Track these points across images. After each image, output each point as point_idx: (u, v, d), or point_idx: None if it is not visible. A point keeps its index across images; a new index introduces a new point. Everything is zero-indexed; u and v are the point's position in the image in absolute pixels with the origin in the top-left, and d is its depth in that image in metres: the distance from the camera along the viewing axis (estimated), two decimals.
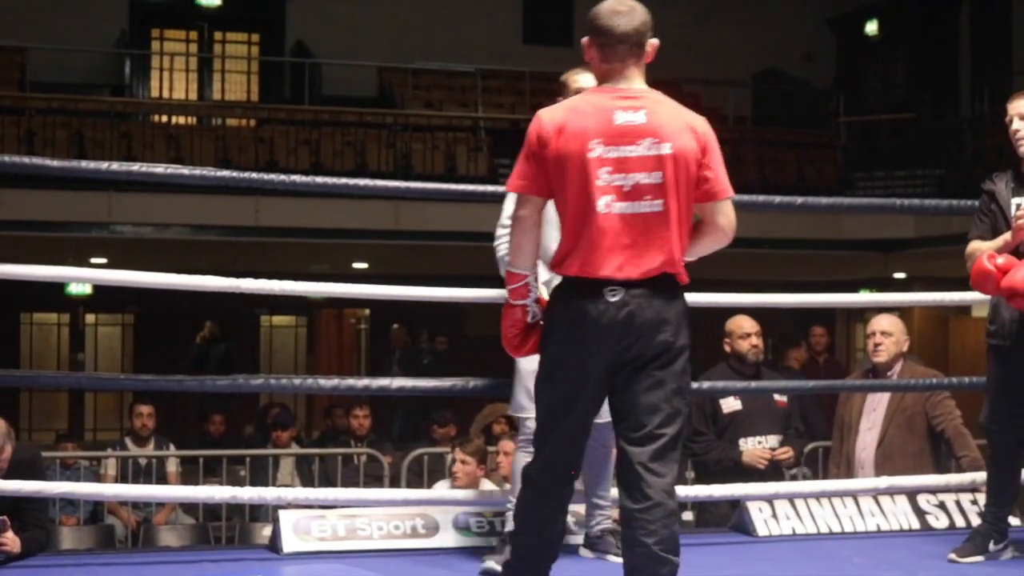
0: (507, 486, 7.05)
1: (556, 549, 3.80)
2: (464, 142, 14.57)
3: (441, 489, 6.87)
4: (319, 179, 5.68)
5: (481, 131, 14.80)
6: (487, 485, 7.10)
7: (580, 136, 3.54)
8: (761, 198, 6.22)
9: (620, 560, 4.47)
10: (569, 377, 3.61)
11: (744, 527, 5.39)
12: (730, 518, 5.60)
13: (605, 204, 3.52)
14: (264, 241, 13.39)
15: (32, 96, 14.26)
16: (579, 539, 4.85)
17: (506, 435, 7.94)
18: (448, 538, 5.08)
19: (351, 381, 5.60)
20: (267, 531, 5.77)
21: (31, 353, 16.69)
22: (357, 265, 15.18)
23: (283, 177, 5.41)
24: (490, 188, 5.66)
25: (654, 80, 3.74)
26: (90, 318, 16.94)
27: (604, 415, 4.52)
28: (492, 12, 16.36)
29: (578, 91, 4.64)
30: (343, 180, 5.90)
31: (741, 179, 14.21)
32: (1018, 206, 4.75)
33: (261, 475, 8.51)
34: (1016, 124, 4.76)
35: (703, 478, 6.31)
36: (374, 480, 8.30)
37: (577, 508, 4.84)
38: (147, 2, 16.52)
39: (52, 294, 14.98)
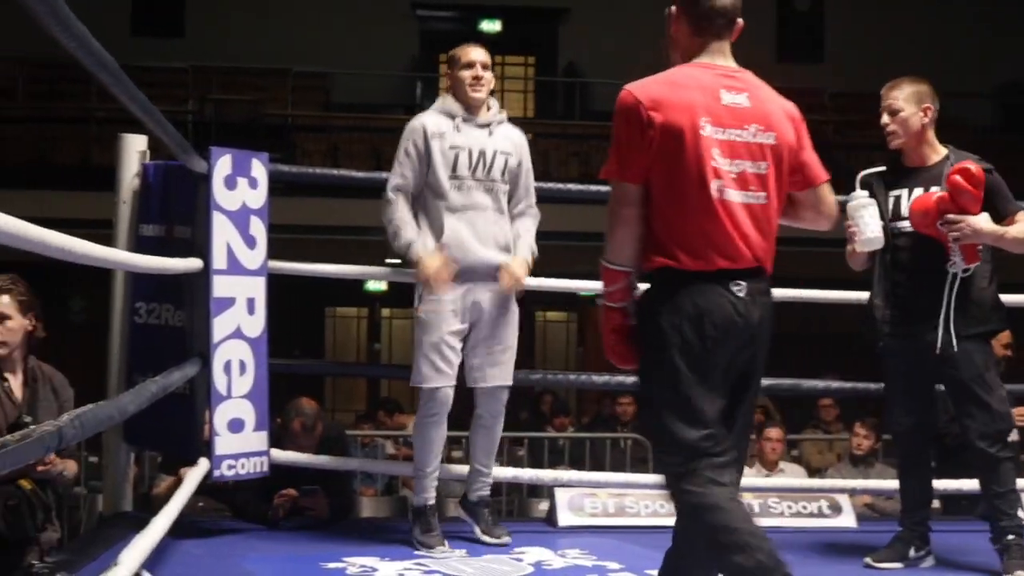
0: (768, 474, 6.94)
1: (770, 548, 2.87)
2: None
3: None
4: (592, 187, 5.65)
5: None
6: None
7: (687, 110, 2.94)
8: None
9: (485, 536, 4.54)
10: (705, 380, 2.93)
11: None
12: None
13: (717, 189, 2.94)
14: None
15: (335, 115, 14.76)
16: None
17: (765, 424, 7.81)
18: None
19: (620, 378, 5.61)
20: (543, 506, 5.84)
21: (334, 343, 17.23)
22: None
23: (559, 185, 5.45)
24: None
25: None
26: (385, 312, 17.36)
27: (492, 379, 4.52)
28: (747, 32, 16.09)
29: (469, 64, 4.53)
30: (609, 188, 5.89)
31: None
32: (896, 198, 4.30)
33: (538, 455, 8.59)
34: (884, 118, 4.28)
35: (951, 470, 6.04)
36: (640, 463, 8.26)
37: (461, 469, 4.80)
38: (435, 30, 16.89)
39: (353, 290, 15.45)
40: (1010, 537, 4.18)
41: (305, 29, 15.63)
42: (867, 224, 4.24)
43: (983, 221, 4.09)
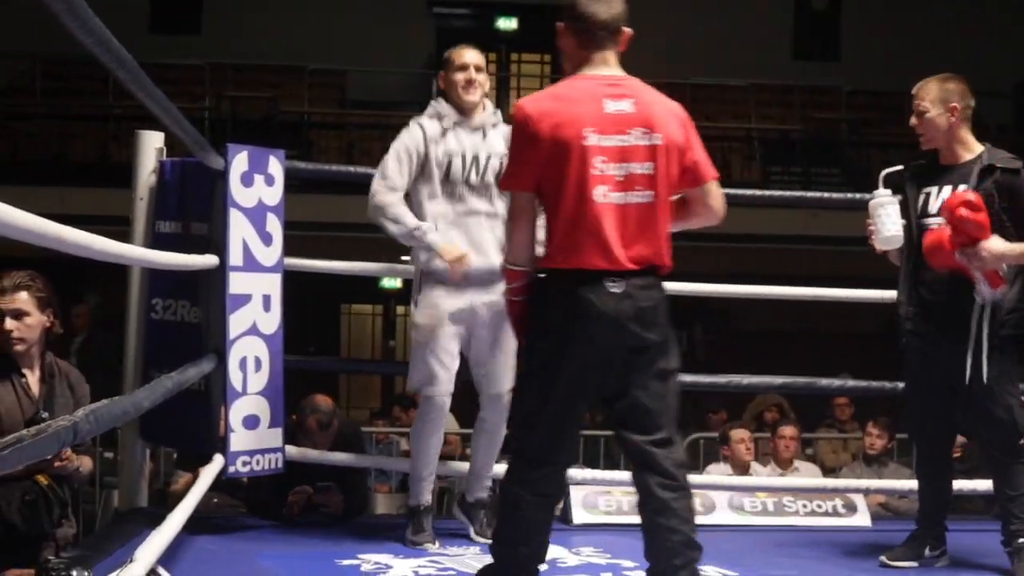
0: (782, 472, 6.94)
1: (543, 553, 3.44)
2: (738, 151, 14.46)
3: (715, 471, 6.80)
4: None
5: (754, 141, 14.63)
6: (757, 468, 7.01)
7: (574, 123, 3.17)
8: None
9: (479, 537, 4.51)
10: (573, 372, 3.22)
11: None
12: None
13: (601, 194, 3.16)
14: None
15: (351, 112, 14.79)
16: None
17: (779, 422, 7.81)
18: (724, 516, 5.04)
19: None
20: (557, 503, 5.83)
21: (349, 340, 17.25)
22: None
23: None
24: (763, 193, 5.58)
25: None
26: (400, 309, 17.35)
27: (494, 386, 4.47)
28: (763, 31, 16.11)
29: (462, 66, 4.62)
30: None
31: None
32: (927, 195, 4.24)
33: None
34: (912, 120, 4.24)
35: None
36: None
37: (462, 467, 4.80)
38: (452, 28, 16.90)
39: (368, 288, 15.46)
40: (1021, 540, 4.15)
41: (321, 27, 15.66)
42: (884, 223, 4.21)
43: (997, 244, 3.98)
